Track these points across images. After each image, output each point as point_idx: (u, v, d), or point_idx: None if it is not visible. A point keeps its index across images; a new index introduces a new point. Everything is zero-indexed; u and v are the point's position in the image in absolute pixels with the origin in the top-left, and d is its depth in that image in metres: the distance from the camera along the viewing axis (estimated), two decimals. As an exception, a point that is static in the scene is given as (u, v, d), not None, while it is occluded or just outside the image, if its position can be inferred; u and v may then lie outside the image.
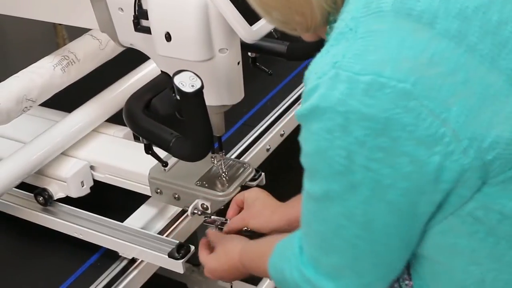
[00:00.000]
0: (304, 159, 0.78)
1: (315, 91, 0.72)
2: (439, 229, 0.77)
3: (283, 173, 1.81)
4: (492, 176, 0.72)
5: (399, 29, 0.71)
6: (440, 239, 0.78)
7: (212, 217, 1.24)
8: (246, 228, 1.17)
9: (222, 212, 1.25)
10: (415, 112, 0.68)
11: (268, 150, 1.66)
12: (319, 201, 0.78)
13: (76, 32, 1.56)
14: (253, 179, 1.33)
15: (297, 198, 1.15)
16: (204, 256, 1.15)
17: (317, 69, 0.73)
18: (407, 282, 0.86)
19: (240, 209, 1.21)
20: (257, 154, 1.62)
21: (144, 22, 1.16)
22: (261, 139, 1.65)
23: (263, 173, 1.36)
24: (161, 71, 1.20)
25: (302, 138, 0.77)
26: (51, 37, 2.37)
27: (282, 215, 1.15)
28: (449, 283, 0.81)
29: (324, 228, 0.79)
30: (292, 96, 1.81)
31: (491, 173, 0.71)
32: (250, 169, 1.32)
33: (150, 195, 1.35)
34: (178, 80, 1.04)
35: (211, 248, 1.16)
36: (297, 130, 1.92)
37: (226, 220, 1.21)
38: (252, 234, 1.17)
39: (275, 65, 1.43)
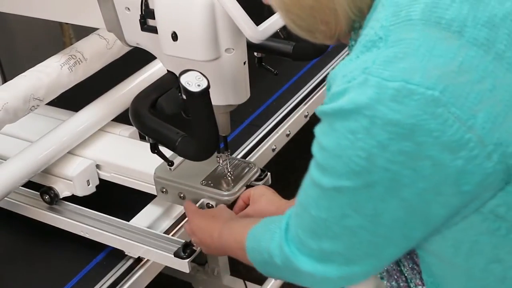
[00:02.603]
0: (318, 152, 0.78)
1: (344, 94, 0.73)
2: (459, 227, 0.77)
3: (288, 173, 1.81)
4: None
5: (429, 37, 0.72)
6: (460, 237, 0.78)
7: None
8: None
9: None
10: (442, 119, 0.69)
11: (273, 150, 1.66)
12: (325, 190, 0.79)
13: (82, 32, 1.57)
14: (259, 179, 1.33)
15: None
16: (191, 206, 1.22)
17: (346, 72, 0.74)
18: (419, 287, 0.87)
19: (246, 205, 1.22)
20: (263, 154, 1.62)
21: (150, 22, 1.17)
22: (266, 139, 1.65)
23: (269, 173, 1.36)
24: (167, 70, 1.20)
25: (321, 132, 0.77)
26: (57, 36, 2.37)
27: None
28: (467, 284, 0.81)
29: (326, 215, 0.80)
30: (298, 97, 1.81)
31: None
32: (256, 169, 1.32)
33: (156, 194, 1.36)
34: (184, 80, 1.04)
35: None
36: (303, 130, 1.94)
37: None
38: None
39: (281, 65, 1.42)
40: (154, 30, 1.15)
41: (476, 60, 0.71)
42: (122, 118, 1.53)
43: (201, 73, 1.06)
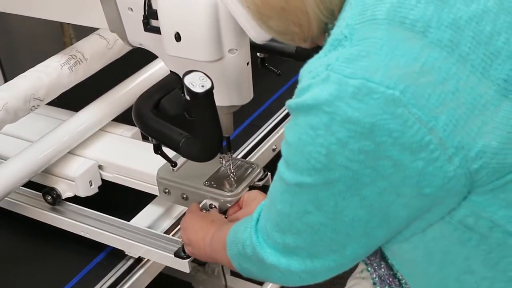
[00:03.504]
0: (284, 147, 0.80)
1: (308, 90, 0.74)
2: (430, 237, 0.78)
3: (289, 173, 1.80)
4: (480, 185, 0.72)
5: (392, 37, 0.72)
6: (432, 247, 0.78)
7: None
8: None
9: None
10: (402, 119, 0.69)
11: (274, 150, 1.66)
12: (289, 186, 0.80)
13: (83, 32, 1.56)
14: (259, 179, 1.34)
15: None
16: (194, 206, 1.21)
17: (312, 69, 0.75)
18: None
19: (241, 209, 1.23)
20: (263, 154, 1.62)
21: (153, 22, 1.16)
22: (267, 139, 1.65)
23: (269, 173, 1.36)
24: (170, 71, 1.20)
25: (287, 127, 0.79)
26: (58, 36, 2.37)
27: None
28: None
29: (289, 210, 0.81)
30: (298, 96, 1.81)
31: (478, 182, 0.72)
32: (258, 170, 1.32)
33: (158, 195, 1.35)
34: (188, 80, 1.04)
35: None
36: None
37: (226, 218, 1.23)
38: None
39: (283, 66, 1.42)
40: (157, 30, 1.15)
41: (439, 61, 0.71)
42: (124, 119, 1.53)
43: (205, 73, 1.06)
